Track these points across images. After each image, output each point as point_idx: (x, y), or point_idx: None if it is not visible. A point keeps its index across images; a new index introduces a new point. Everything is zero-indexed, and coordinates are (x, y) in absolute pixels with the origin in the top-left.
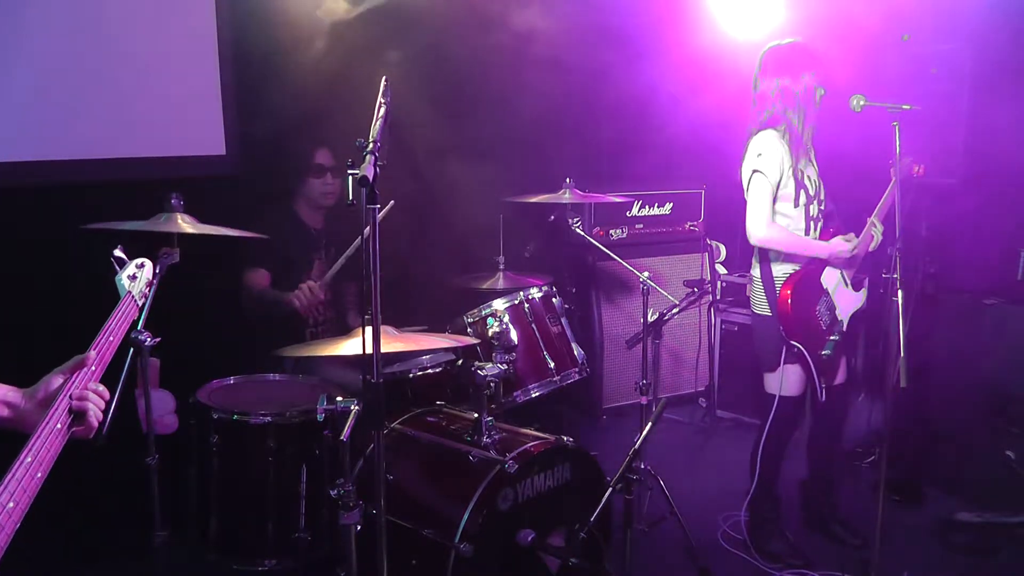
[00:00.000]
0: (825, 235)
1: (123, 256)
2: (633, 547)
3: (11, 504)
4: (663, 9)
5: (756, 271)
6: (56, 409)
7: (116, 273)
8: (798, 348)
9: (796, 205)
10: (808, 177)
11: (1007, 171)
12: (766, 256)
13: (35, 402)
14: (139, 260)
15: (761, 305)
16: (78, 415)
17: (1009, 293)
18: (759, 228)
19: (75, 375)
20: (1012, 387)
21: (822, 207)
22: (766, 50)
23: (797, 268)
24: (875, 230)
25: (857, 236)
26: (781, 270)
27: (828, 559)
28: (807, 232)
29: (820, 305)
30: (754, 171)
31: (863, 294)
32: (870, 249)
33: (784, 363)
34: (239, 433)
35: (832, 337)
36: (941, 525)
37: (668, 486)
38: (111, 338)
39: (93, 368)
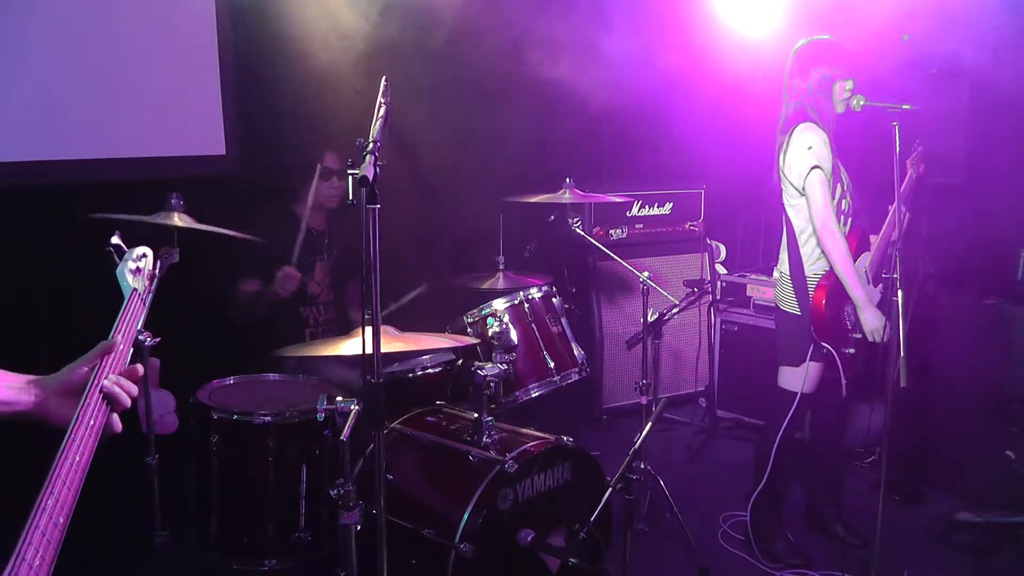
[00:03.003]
0: (855, 232)
1: (121, 244)
2: (633, 547)
3: (53, 498)
4: (664, 8)
5: (785, 268)
6: (88, 403)
7: (115, 265)
8: (827, 349)
9: (832, 198)
10: (842, 171)
11: (1007, 171)
12: (797, 254)
13: (58, 391)
14: (140, 250)
15: (789, 302)
16: (110, 403)
17: (1009, 293)
18: (831, 226)
19: (103, 361)
20: (1012, 387)
21: (850, 203)
22: (793, 51)
23: (827, 268)
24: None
25: (877, 233)
26: (813, 270)
27: (828, 559)
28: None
29: (848, 305)
30: (813, 166)
31: (879, 289)
32: (894, 237)
33: (810, 359)
34: (239, 433)
35: (856, 335)
36: (941, 525)
37: (668, 486)
38: (121, 346)
39: (120, 343)
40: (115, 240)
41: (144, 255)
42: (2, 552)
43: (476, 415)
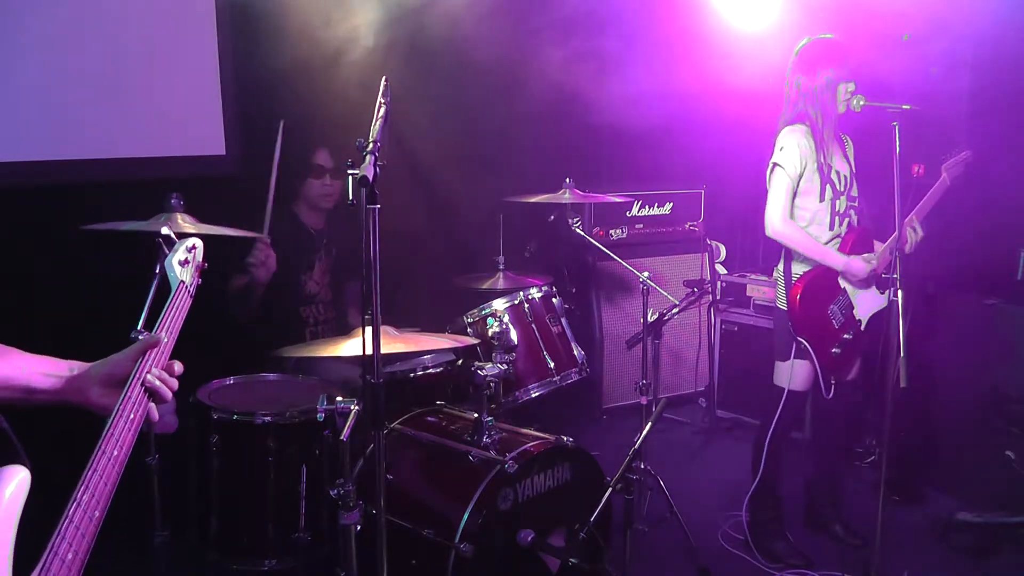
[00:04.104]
0: (852, 233)
1: (171, 234)
2: (633, 547)
3: (87, 497)
4: (665, 7)
5: (780, 266)
6: (129, 397)
7: (164, 256)
8: (804, 344)
9: (821, 199)
10: (837, 172)
11: (1007, 171)
12: (789, 252)
13: (101, 381)
14: (189, 242)
15: (781, 300)
16: (152, 395)
17: (1009, 293)
18: (775, 222)
19: (147, 355)
20: (1012, 387)
21: (853, 203)
22: (796, 50)
23: (808, 268)
24: (911, 232)
25: (884, 240)
26: (800, 268)
27: (828, 559)
28: (831, 227)
29: (834, 304)
30: (774, 164)
31: (887, 295)
32: (907, 251)
33: (794, 356)
34: (239, 433)
35: (845, 336)
36: (941, 525)
37: (668, 486)
38: (166, 339)
39: (165, 339)
40: (164, 230)
41: (194, 246)
42: (38, 542)
43: (476, 415)
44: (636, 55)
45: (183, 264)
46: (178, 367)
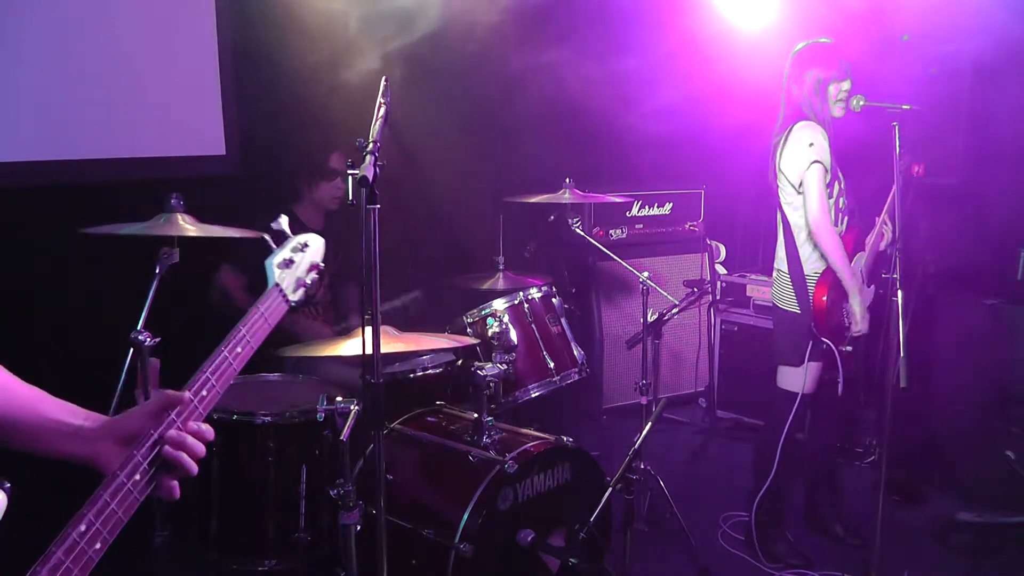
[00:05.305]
0: (851, 233)
1: (285, 230)
2: (633, 547)
3: None
4: (664, 8)
5: (783, 266)
6: (137, 456)
7: (270, 252)
8: (827, 344)
9: (830, 196)
10: (840, 169)
11: (1007, 171)
12: (795, 253)
13: (112, 438)
14: (302, 238)
15: (788, 301)
16: (166, 465)
17: (1009, 293)
18: (820, 219)
19: (171, 413)
20: (1012, 387)
21: (847, 202)
22: (791, 55)
23: (826, 266)
24: (885, 229)
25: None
26: (812, 268)
27: (828, 559)
28: (835, 223)
29: (847, 303)
30: (814, 161)
31: (872, 289)
32: (880, 248)
33: (809, 359)
34: (239, 433)
35: (851, 333)
36: (941, 525)
37: (668, 486)
38: (239, 349)
39: (204, 393)
40: (275, 225)
41: (304, 245)
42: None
43: (476, 415)
44: (637, 55)
45: (285, 265)
46: (208, 433)
